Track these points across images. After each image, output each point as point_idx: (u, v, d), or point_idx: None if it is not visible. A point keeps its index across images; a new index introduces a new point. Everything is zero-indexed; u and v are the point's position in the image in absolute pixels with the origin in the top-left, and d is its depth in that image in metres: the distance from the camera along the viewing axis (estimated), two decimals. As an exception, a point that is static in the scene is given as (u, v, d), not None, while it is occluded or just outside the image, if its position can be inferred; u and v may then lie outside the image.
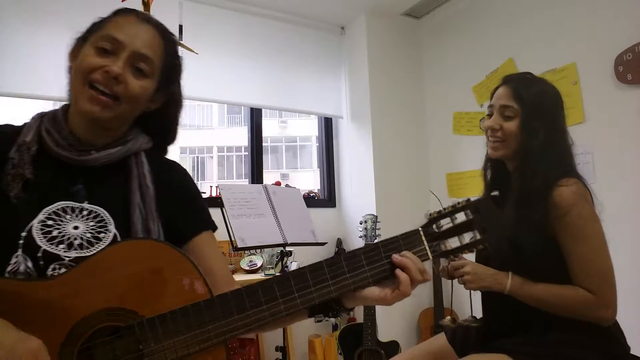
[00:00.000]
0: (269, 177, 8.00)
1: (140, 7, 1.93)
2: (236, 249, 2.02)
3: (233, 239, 2.03)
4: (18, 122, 0.90)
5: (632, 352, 1.23)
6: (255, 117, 3.16)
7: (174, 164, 1.01)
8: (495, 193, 0.99)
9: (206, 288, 0.76)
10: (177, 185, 0.97)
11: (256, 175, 3.11)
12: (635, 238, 1.98)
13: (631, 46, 2.10)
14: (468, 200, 0.85)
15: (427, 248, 0.82)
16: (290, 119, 13.49)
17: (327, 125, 3.47)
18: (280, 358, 2.43)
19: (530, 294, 1.20)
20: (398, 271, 0.79)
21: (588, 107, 2.27)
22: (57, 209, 0.82)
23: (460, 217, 0.84)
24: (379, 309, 2.70)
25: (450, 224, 0.84)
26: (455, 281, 1.33)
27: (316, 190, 3.37)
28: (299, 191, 2.68)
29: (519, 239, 1.21)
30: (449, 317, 1.42)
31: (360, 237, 2.40)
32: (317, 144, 3.60)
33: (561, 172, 1.23)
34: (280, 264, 2.43)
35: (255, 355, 2.50)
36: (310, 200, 3.18)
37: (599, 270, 1.16)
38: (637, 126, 2.08)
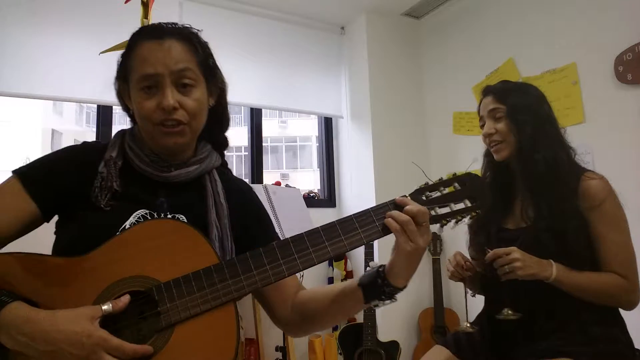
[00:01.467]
0: (269, 177, 7.99)
1: (139, 7, 1.93)
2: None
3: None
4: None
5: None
6: (255, 117, 3.16)
7: (241, 182, 1.09)
8: (474, 159, 1.02)
9: (216, 257, 0.83)
10: (247, 203, 1.04)
11: (256, 175, 3.11)
12: (635, 238, 1.98)
13: (631, 46, 2.10)
14: (454, 174, 0.91)
15: None
16: (290, 119, 13.48)
17: (327, 125, 3.47)
18: (280, 358, 2.43)
19: (574, 281, 1.20)
20: (387, 221, 0.84)
21: (588, 107, 2.27)
22: (145, 214, 0.90)
23: (448, 189, 0.90)
24: (378, 309, 2.70)
25: (439, 194, 0.90)
26: (452, 282, 1.31)
27: (316, 190, 3.37)
28: (299, 191, 2.68)
29: (559, 226, 1.22)
30: (467, 324, 1.31)
31: (360, 237, 2.39)
32: (317, 144, 3.60)
33: (575, 164, 1.30)
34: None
35: (255, 355, 2.50)
36: (310, 200, 3.18)
37: (630, 255, 1.23)
38: (637, 126, 2.08)
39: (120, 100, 1.00)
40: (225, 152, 1.09)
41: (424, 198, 0.89)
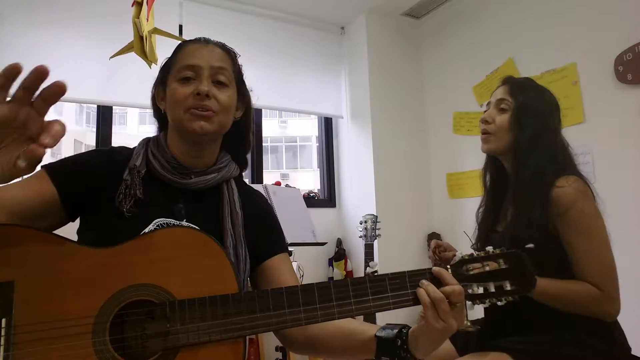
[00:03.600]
0: (269, 177, 8.00)
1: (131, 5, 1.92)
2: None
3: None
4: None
5: (632, 352, 1.23)
6: (255, 117, 3.15)
7: (258, 193, 1.12)
8: (530, 246, 0.99)
9: (237, 285, 0.81)
10: (261, 213, 1.07)
11: (256, 175, 3.11)
12: (635, 238, 1.98)
13: (631, 46, 2.10)
14: (502, 249, 0.85)
15: None
16: (290, 119, 13.49)
17: (327, 125, 3.47)
18: (280, 358, 2.43)
19: (539, 289, 1.16)
20: (419, 291, 0.80)
21: (588, 107, 2.27)
22: (162, 223, 0.92)
23: (492, 265, 0.84)
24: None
25: (481, 270, 0.84)
26: None
27: (316, 190, 3.37)
28: (299, 191, 2.68)
29: (521, 236, 1.20)
30: (467, 322, 1.32)
31: (360, 237, 2.40)
32: (317, 144, 3.60)
33: (557, 170, 1.25)
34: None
35: (255, 355, 2.50)
36: (310, 200, 3.18)
37: (603, 265, 1.18)
38: (637, 126, 2.07)
39: (153, 105, 1.05)
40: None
41: (464, 271, 0.84)
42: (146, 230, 0.89)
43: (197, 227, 0.93)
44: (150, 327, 0.76)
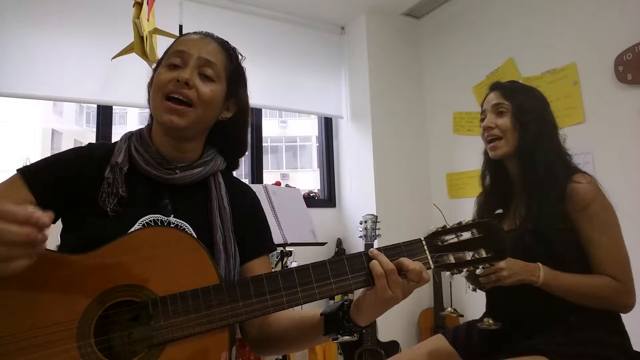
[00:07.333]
0: (269, 177, 8.00)
1: (131, 6, 1.93)
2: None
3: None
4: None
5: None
6: (255, 117, 3.16)
7: (246, 187, 1.09)
8: (499, 211, 0.99)
9: (217, 276, 0.81)
10: (249, 209, 1.04)
11: (256, 175, 3.11)
12: (635, 238, 1.98)
13: (631, 46, 2.10)
14: (474, 219, 0.87)
15: (429, 258, 0.85)
16: (290, 119, 13.49)
17: (327, 125, 3.47)
18: (280, 358, 2.43)
19: (563, 284, 1.20)
20: (373, 263, 0.81)
21: (588, 107, 2.27)
22: (149, 221, 0.90)
23: (466, 235, 0.85)
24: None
25: (455, 240, 0.86)
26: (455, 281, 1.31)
27: (316, 190, 3.37)
28: (299, 191, 2.68)
29: (543, 229, 1.22)
30: (450, 309, 1.36)
31: (360, 237, 2.40)
32: (317, 144, 3.60)
33: (565, 164, 1.29)
34: (280, 264, 2.43)
35: (255, 355, 2.50)
36: (310, 200, 3.18)
37: (622, 258, 1.22)
38: (637, 126, 2.08)
39: (150, 106, 1.00)
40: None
41: (439, 243, 0.86)
42: (132, 229, 0.88)
43: (177, 225, 0.91)
44: (135, 325, 0.77)
